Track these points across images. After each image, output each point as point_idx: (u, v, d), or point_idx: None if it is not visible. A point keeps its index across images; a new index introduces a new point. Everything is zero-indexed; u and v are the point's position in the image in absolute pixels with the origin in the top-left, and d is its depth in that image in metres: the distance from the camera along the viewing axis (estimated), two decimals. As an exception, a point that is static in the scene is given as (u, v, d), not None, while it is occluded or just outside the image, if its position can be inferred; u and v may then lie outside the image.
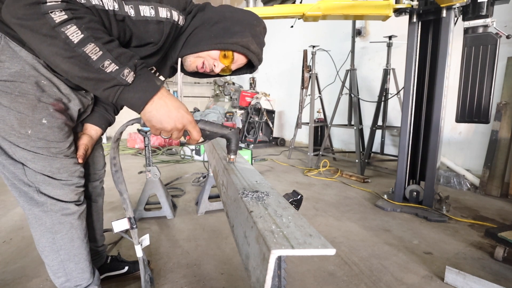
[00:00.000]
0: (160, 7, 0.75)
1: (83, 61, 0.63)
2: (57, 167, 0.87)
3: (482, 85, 1.84)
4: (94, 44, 0.63)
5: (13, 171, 0.84)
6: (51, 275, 0.97)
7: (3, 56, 0.76)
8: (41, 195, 0.87)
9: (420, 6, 2.01)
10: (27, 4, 0.58)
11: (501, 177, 2.50)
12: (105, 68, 0.65)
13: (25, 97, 0.79)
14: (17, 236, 1.77)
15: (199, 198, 2.25)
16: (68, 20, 0.60)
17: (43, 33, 0.60)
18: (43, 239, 0.91)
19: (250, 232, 0.54)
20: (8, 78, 0.77)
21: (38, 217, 0.89)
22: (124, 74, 0.67)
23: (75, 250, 0.95)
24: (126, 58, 0.68)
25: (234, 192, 0.73)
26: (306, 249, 0.42)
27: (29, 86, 0.79)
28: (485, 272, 1.41)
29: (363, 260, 1.51)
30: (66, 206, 0.91)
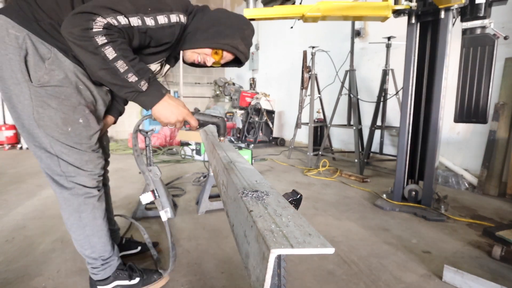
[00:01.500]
0: (171, 14, 0.95)
1: (114, 72, 0.85)
2: (86, 159, 1.07)
3: (480, 86, 1.85)
4: (123, 61, 0.85)
5: (48, 163, 1.03)
6: (79, 248, 1.16)
7: (53, 65, 0.95)
8: (70, 182, 1.06)
9: (419, 7, 2.02)
10: (81, 29, 0.80)
11: (499, 176, 2.52)
12: (128, 78, 0.87)
13: (69, 101, 0.99)
14: (19, 235, 1.78)
15: (199, 198, 2.26)
16: (106, 43, 0.82)
17: (89, 51, 0.82)
18: (72, 217, 1.11)
19: (250, 231, 0.54)
20: (57, 83, 0.96)
21: (67, 199, 1.08)
22: (141, 84, 0.90)
23: (97, 227, 1.15)
24: (144, 72, 0.90)
25: (234, 191, 0.74)
26: (306, 248, 0.43)
27: (72, 90, 0.99)
28: (483, 271, 1.42)
29: (362, 259, 1.52)
30: (89, 191, 1.11)
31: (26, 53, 0.92)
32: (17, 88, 0.94)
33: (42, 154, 1.02)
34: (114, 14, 0.83)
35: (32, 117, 0.96)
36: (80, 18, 0.81)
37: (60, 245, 1.66)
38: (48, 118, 0.97)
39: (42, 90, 0.95)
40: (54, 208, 2.23)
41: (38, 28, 0.92)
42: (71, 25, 0.81)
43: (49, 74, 0.94)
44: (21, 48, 0.91)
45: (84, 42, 0.81)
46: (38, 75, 0.94)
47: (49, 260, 1.51)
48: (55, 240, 1.72)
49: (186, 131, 4.34)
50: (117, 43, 0.84)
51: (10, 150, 5.03)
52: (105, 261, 1.19)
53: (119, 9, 0.85)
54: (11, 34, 0.90)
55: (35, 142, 1.01)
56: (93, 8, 0.82)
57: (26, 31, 0.91)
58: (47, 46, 0.94)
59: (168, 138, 5.17)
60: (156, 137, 5.03)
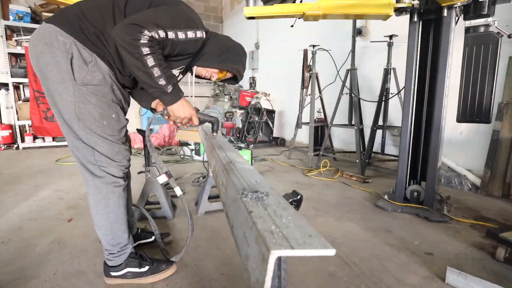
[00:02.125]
0: (197, 31, 1.17)
1: (150, 75, 1.07)
2: (116, 151, 1.23)
3: (484, 85, 1.83)
4: (158, 69, 1.07)
5: (84, 153, 1.19)
6: (101, 234, 1.29)
7: (94, 67, 1.12)
8: (102, 171, 1.21)
9: (421, 5, 2.00)
10: (132, 38, 1.00)
11: (503, 177, 2.49)
12: (159, 81, 1.09)
13: (105, 98, 1.17)
14: (16, 236, 1.77)
15: (198, 199, 2.24)
16: (149, 54, 1.04)
17: (135, 56, 1.03)
18: (99, 204, 1.25)
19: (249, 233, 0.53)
20: (97, 83, 1.14)
21: (97, 186, 1.22)
22: (168, 87, 1.12)
23: (120, 214, 1.29)
24: (171, 78, 1.13)
25: (233, 192, 0.73)
26: (306, 250, 0.42)
27: (108, 89, 1.17)
28: (486, 273, 1.40)
29: (364, 261, 1.50)
30: (117, 180, 1.26)
31: (72, 57, 1.09)
32: (60, 86, 1.10)
33: (79, 145, 1.18)
34: (157, 29, 1.04)
35: (73, 112, 1.13)
36: (132, 28, 1.00)
37: (57, 247, 1.64)
38: (88, 112, 1.14)
39: (84, 88, 1.12)
40: (51, 209, 2.21)
41: (83, 36, 1.10)
42: (124, 33, 1.01)
43: (91, 75, 1.12)
44: (68, 52, 1.08)
45: (132, 49, 1.02)
46: (81, 75, 1.11)
47: (46, 262, 1.49)
48: (51, 242, 1.70)
49: (185, 131, 4.33)
50: (156, 54, 1.06)
51: (6, 150, 5.01)
52: (121, 249, 1.32)
53: (161, 24, 1.05)
54: (60, 40, 1.07)
55: (73, 134, 1.16)
56: (142, 21, 1.02)
57: (72, 38, 1.08)
58: (89, 52, 1.11)
59: (167, 138, 5.16)
60: (155, 137, 5.02)
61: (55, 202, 2.36)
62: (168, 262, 1.41)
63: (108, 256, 1.31)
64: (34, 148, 5.14)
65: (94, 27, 1.11)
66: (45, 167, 3.68)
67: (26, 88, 5.26)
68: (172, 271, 1.39)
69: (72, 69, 1.09)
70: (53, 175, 3.26)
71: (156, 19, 1.05)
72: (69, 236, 1.77)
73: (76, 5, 1.15)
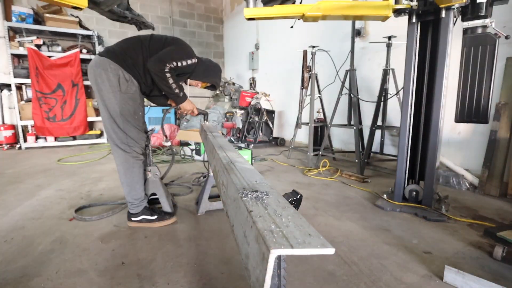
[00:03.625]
0: (193, 58, 1.85)
1: (170, 87, 1.77)
2: (140, 137, 1.86)
3: (481, 85, 1.85)
4: (174, 84, 1.77)
5: (121, 136, 1.78)
6: (127, 191, 1.88)
7: (131, 83, 1.76)
8: (131, 149, 1.82)
9: (420, 7, 2.01)
10: (160, 69, 1.70)
11: (500, 177, 2.51)
12: (175, 90, 1.80)
13: (136, 102, 1.81)
14: (18, 235, 1.78)
15: (199, 198, 2.25)
16: (170, 77, 1.73)
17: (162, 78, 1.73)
18: (128, 171, 1.84)
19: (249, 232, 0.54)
20: (133, 92, 1.78)
21: (127, 159, 1.82)
22: (180, 94, 1.84)
23: (140, 179, 1.91)
24: (182, 88, 1.85)
25: (234, 191, 0.74)
26: (305, 249, 0.42)
27: (137, 96, 1.82)
28: (484, 271, 1.41)
29: (363, 260, 1.52)
30: (138, 155, 1.87)
31: (119, 77, 1.71)
32: (110, 95, 1.71)
33: (118, 131, 1.77)
34: (172, 61, 1.72)
35: (118, 110, 1.74)
36: (160, 63, 1.69)
37: (59, 246, 1.66)
38: (127, 110, 1.77)
39: (125, 95, 1.75)
40: (53, 209, 2.23)
41: (125, 64, 1.73)
42: (156, 66, 1.69)
43: (129, 87, 1.75)
44: (117, 74, 1.71)
45: (161, 74, 1.71)
46: (124, 87, 1.73)
47: (48, 261, 1.50)
48: (54, 241, 1.72)
49: (186, 131, 4.34)
50: (173, 76, 1.75)
51: (8, 150, 5.02)
52: (139, 202, 1.90)
53: (174, 58, 1.74)
54: (112, 67, 1.70)
55: (116, 125, 1.76)
56: (164, 58, 1.71)
57: (118, 66, 1.71)
58: (128, 74, 1.74)
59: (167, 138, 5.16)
60: (156, 137, 5.03)
61: (57, 202, 2.38)
62: (170, 214, 2.01)
63: (130, 206, 1.90)
64: (36, 148, 5.16)
65: (131, 59, 1.75)
66: (47, 166, 3.69)
67: (29, 88, 5.27)
68: (173, 220, 1.98)
69: (119, 84, 1.71)
70: (55, 174, 3.27)
71: (171, 56, 1.73)
72: (71, 235, 1.78)
73: (118, 44, 1.80)
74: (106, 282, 1.34)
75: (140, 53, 1.76)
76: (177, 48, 1.81)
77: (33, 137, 5.21)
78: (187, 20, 7.49)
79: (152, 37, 1.84)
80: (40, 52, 4.97)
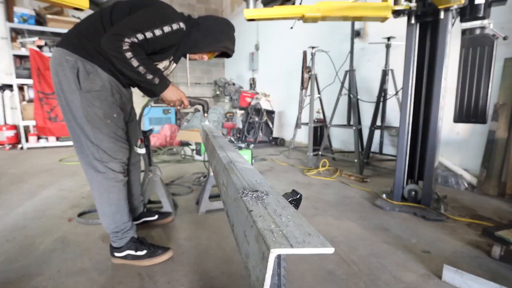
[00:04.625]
0: (173, 24, 1.31)
1: (138, 73, 1.27)
2: (118, 148, 1.42)
3: (480, 86, 1.86)
4: (142, 67, 1.26)
5: (92, 151, 1.37)
6: (105, 223, 1.47)
7: (95, 77, 1.33)
8: (105, 167, 1.39)
9: (419, 8, 2.02)
10: (116, 47, 1.19)
11: (498, 176, 2.52)
12: (147, 76, 1.29)
13: (106, 101, 1.36)
14: (20, 235, 1.79)
15: (199, 198, 2.26)
16: (132, 57, 1.22)
17: (122, 61, 1.23)
18: (103, 197, 1.42)
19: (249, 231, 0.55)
20: (99, 89, 1.34)
21: (100, 181, 1.40)
22: (155, 80, 1.33)
23: (121, 206, 1.47)
24: (155, 72, 1.33)
25: (234, 191, 0.75)
26: (305, 248, 0.43)
27: (108, 93, 1.37)
28: (482, 271, 1.43)
29: (362, 259, 1.53)
30: (117, 176, 1.43)
31: (78, 70, 1.29)
32: (72, 96, 1.31)
33: (88, 143, 1.36)
34: (135, 33, 1.21)
35: (82, 115, 1.32)
36: (114, 38, 1.19)
37: (60, 245, 1.67)
38: (94, 114, 1.33)
39: (89, 94, 1.32)
40: (55, 208, 2.24)
41: (84, 52, 1.30)
42: (109, 43, 1.20)
43: (92, 83, 1.32)
44: (74, 67, 1.29)
45: (118, 55, 1.21)
46: (85, 84, 1.31)
47: (50, 260, 1.51)
48: (55, 240, 1.73)
49: (187, 131, 4.35)
50: (138, 55, 1.23)
51: (11, 150, 5.03)
52: (123, 234, 1.49)
53: (138, 28, 1.22)
54: (68, 60, 1.29)
55: (84, 135, 1.35)
56: (121, 30, 1.20)
57: (76, 56, 1.29)
58: (91, 64, 1.31)
59: (168, 138, 5.17)
60: (156, 137, 5.04)
61: (59, 201, 2.39)
62: (165, 248, 1.54)
63: (112, 238, 1.50)
64: (38, 148, 5.18)
65: (92, 42, 1.30)
66: (49, 166, 3.70)
67: (30, 89, 5.29)
68: (168, 256, 1.52)
69: (78, 80, 1.30)
70: (57, 174, 3.28)
71: (133, 25, 1.22)
72: (72, 235, 1.79)
73: (75, 27, 1.37)
74: (107, 281, 1.35)
75: (101, 30, 1.29)
76: (144, 12, 1.28)
77: (35, 137, 5.23)
78: (187, 21, 7.48)
79: (116, 5, 1.36)
80: (42, 53, 4.98)
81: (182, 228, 1.91)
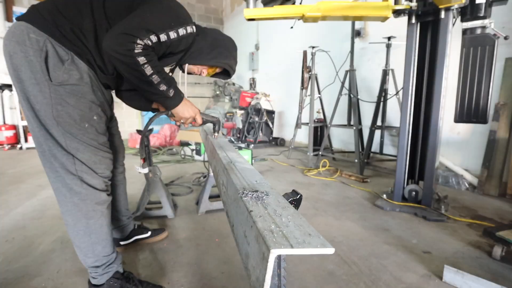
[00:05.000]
0: (187, 26, 1.12)
1: (150, 83, 1.04)
2: (98, 159, 1.12)
3: (480, 86, 1.85)
4: (157, 76, 1.04)
5: (63, 162, 1.06)
6: (82, 256, 1.16)
7: (71, 66, 1.02)
8: (83, 183, 1.09)
9: (419, 7, 2.02)
10: (126, 49, 0.95)
11: (499, 177, 2.52)
12: (160, 88, 1.07)
13: (85, 99, 1.07)
14: (19, 235, 1.78)
15: (199, 198, 2.26)
16: (146, 63, 0.99)
17: (132, 67, 0.99)
18: (79, 224, 1.11)
19: (249, 232, 0.54)
20: (75, 82, 1.03)
21: (76, 204, 1.09)
22: (169, 92, 1.11)
23: (103, 235, 1.16)
24: (171, 82, 1.11)
25: (234, 191, 0.74)
26: (305, 248, 0.43)
27: (87, 89, 1.07)
28: (483, 271, 1.42)
29: (363, 259, 1.52)
30: (99, 195, 1.13)
31: (47, 55, 0.99)
32: (35, 89, 0.99)
33: (58, 153, 1.05)
34: (148, 35, 0.99)
35: (51, 115, 1.02)
36: (124, 38, 0.95)
37: (59, 245, 1.66)
38: (67, 115, 1.03)
39: (61, 88, 1.01)
40: (54, 208, 2.23)
41: (58, 33, 1.00)
42: (117, 44, 0.95)
43: (68, 74, 1.02)
44: (42, 50, 0.98)
45: (128, 60, 0.97)
46: (57, 74, 1.00)
47: (49, 260, 1.51)
48: (54, 240, 1.72)
49: (186, 131, 4.34)
50: (153, 61, 1.02)
51: (10, 150, 5.03)
52: (104, 269, 1.19)
53: (152, 28, 1.00)
54: (32, 38, 0.97)
55: (52, 141, 1.04)
56: (133, 29, 0.96)
57: (46, 36, 0.99)
58: (65, 50, 1.02)
59: (168, 138, 5.17)
60: (156, 137, 5.03)
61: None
62: (158, 287, 1.27)
63: (91, 273, 1.19)
64: (36, 148, 5.17)
65: (71, 23, 1.01)
66: (46, 167, 3.69)
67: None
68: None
69: (47, 68, 0.98)
70: (55, 175, 3.27)
71: (146, 24, 0.99)
72: (71, 236, 1.79)
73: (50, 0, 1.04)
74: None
75: (88, 12, 1.04)
76: (155, 9, 1.06)
77: (34, 138, 5.23)
78: (187, 20, 7.51)
79: None
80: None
81: (182, 228, 1.90)
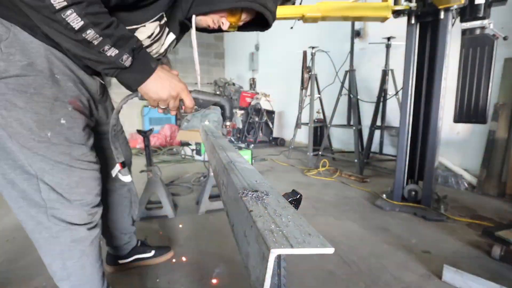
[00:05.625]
0: None
1: (85, 44, 0.64)
2: (75, 180, 0.80)
3: (480, 86, 1.86)
4: (94, 31, 0.63)
5: (24, 189, 0.77)
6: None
7: (12, 49, 0.69)
8: (51, 217, 0.80)
9: (419, 8, 2.02)
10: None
11: (498, 176, 2.52)
12: (105, 52, 0.66)
13: (41, 95, 0.73)
14: (20, 235, 1.79)
15: (199, 198, 2.26)
16: (67, 7, 0.58)
17: (46, 15, 0.59)
18: (54, 264, 0.88)
19: (249, 232, 0.55)
20: (20, 72, 0.70)
21: (47, 240, 0.83)
22: (123, 59, 0.69)
23: (86, 277, 0.91)
24: (125, 41, 0.69)
25: (234, 191, 0.75)
26: (305, 248, 0.43)
27: (44, 81, 0.73)
28: (482, 271, 1.42)
29: (362, 259, 1.53)
30: (76, 232, 0.84)
31: None
32: None
33: (16, 177, 0.75)
34: None
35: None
36: None
37: (60, 245, 1.66)
38: (17, 122, 0.71)
39: (1, 83, 0.69)
40: (55, 208, 2.23)
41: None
42: None
43: (6, 60, 0.68)
44: None
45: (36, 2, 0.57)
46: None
47: (50, 260, 1.51)
48: (55, 240, 1.72)
49: (187, 131, 4.34)
50: (82, 5, 0.60)
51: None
52: None
53: None
54: None
55: (6, 161, 0.75)
56: None
57: None
58: (4, 24, 0.68)
59: (168, 138, 5.17)
60: (156, 137, 5.04)
61: (58, 202, 2.38)
62: None
63: None
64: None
65: None
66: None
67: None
68: None
69: None
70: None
71: None
72: (72, 236, 1.79)
73: None
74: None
75: None
76: None
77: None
78: (187, 21, 7.49)
79: None
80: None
81: (182, 228, 1.90)
